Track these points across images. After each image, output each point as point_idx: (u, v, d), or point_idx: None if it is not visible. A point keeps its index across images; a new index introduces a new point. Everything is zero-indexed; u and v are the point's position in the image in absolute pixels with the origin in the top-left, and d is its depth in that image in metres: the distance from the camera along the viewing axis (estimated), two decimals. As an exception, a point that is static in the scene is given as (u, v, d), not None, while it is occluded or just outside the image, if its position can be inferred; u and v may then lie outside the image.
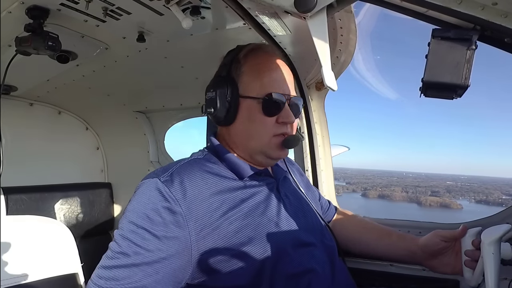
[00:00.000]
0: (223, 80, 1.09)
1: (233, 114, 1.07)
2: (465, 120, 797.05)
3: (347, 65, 1.55)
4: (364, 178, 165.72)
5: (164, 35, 1.40)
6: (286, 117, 1.07)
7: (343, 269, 1.17)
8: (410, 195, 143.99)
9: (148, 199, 0.92)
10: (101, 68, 1.71)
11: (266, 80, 1.07)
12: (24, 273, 1.26)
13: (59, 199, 2.14)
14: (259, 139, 1.07)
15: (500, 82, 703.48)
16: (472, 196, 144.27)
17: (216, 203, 0.97)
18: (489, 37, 0.82)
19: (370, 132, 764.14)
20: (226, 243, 0.94)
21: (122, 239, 0.88)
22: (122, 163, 2.49)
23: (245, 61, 1.10)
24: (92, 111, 2.38)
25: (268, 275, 0.97)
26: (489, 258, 0.87)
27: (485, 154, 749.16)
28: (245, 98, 1.07)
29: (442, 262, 1.16)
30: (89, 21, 1.25)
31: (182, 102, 2.15)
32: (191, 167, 1.02)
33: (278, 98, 1.06)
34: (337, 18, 1.24)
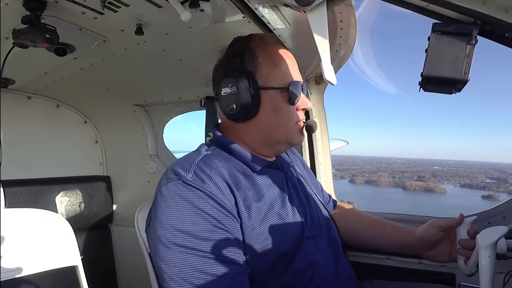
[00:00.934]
0: (241, 73, 1.05)
1: (256, 107, 1.05)
2: (455, 103, 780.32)
3: (347, 59, 1.54)
4: (354, 164, 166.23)
5: (162, 28, 1.39)
6: (305, 103, 1.11)
7: (346, 262, 1.18)
8: (396, 180, 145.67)
9: (185, 202, 0.90)
10: (99, 61, 1.70)
11: (285, 69, 1.09)
12: (23, 266, 1.26)
13: (58, 192, 2.15)
14: (285, 128, 1.09)
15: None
16: (457, 180, 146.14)
17: (241, 196, 0.98)
18: (489, 32, 0.82)
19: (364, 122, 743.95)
20: (251, 234, 0.96)
21: (186, 251, 0.86)
22: (120, 157, 2.48)
23: (260, 51, 1.08)
24: (90, 104, 2.37)
25: (280, 267, 0.98)
26: (485, 261, 0.88)
27: (474, 139, 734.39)
28: (267, 89, 1.05)
29: (438, 251, 1.17)
30: (87, 13, 1.24)
31: (181, 96, 2.15)
32: (209, 162, 1.01)
33: (298, 86, 1.08)
34: (337, 12, 1.23)
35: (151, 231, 0.94)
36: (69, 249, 1.39)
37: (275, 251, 0.97)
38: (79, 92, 2.18)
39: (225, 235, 0.90)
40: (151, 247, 0.94)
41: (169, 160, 2.42)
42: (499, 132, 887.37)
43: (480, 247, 0.89)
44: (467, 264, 1.07)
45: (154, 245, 0.91)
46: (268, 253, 0.96)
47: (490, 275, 0.87)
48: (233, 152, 1.08)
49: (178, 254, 0.86)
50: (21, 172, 2.01)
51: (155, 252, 0.90)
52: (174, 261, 0.86)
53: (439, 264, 1.40)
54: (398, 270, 1.49)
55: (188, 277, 0.84)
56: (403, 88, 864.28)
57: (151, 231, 0.94)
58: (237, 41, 1.13)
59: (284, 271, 0.99)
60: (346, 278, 1.12)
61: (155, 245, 0.90)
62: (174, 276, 0.85)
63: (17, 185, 1.96)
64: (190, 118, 9.15)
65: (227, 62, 1.11)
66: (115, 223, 2.43)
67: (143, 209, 1.26)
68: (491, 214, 1.38)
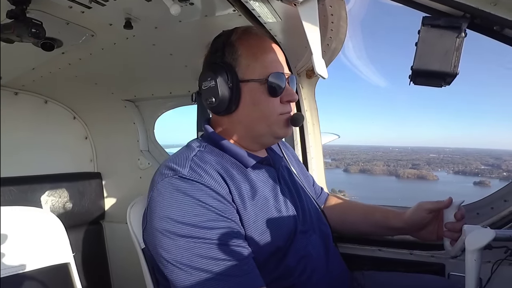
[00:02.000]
0: (220, 67, 1.05)
1: (236, 100, 1.05)
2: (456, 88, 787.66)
3: (338, 53, 1.54)
4: (350, 154, 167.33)
5: (152, 22, 1.37)
6: (290, 95, 1.08)
7: (336, 254, 1.20)
8: (390, 168, 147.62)
9: (184, 196, 0.90)
10: (87, 56, 1.67)
11: (266, 60, 1.07)
12: (15, 264, 1.25)
13: (49, 189, 2.12)
14: (267, 120, 1.07)
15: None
16: (451, 167, 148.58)
17: (236, 189, 0.99)
18: (478, 25, 0.83)
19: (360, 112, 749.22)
20: (246, 228, 0.97)
21: (193, 241, 0.86)
22: (111, 153, 2.46)
23: (240, 44, 1.08)
24: (79, 100, 2.33)
25: (273, 262, 1.00)
26: (471, 264, 0.92)
27: (474, 125, 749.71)
28: (247, 82, 1.05)
29: (427, 231, 1.22)
30: (74, 7, 1.21)
31: (172, 91, 2.13)
32: (204, 157, 1.02)
33: (280, 77, 1.06)
34: (328, 5, 1.23)
35: (152, 229, 0.93)
36: (61, 246, 1.38)
37: (269, 246, 0.98)
38: (67, 88, 2.15)
39: (228, 223, 0.91)
40: (154, 245, 0.92)
41: (160, 155, 2.41)
42: (497, 117, 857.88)
43: (467, 250, 0.93)
44: (453, 247, 1.12)
45: (157, 241, 0.90)
46: (262, 248, 0.97)
47: (475, 276, 0.91)
48: (224, 148, 1.08)
49: (184, 244, 0.86)
50: (10, 169, 1.98)
51: (159, 247, 0.89)
52: (182, 253, 0.86)
53: (429, 255, 1.43)
54: (389, 261, 1.52)
55: (199, 265, 0.84)
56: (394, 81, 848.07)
57: (152, 229, 0.93)
58: (220, 35, 1.13)
59: (276, 266, 1.00)
60: (337, 270, 1.14)
61: (159, 241, 0.90)
62: (184, 267, 0.85)
63: (6, 183, 1.92)
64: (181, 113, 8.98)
65: (209, 57, 1.13)
66: (107, 219, 2.41)
67: (135, 205, 1.26)
68: (479, 205, 1.41)
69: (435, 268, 1.42)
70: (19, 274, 1.25)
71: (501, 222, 1.30)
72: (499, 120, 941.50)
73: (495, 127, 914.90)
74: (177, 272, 0.85)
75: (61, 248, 1.38)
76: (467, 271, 0.92)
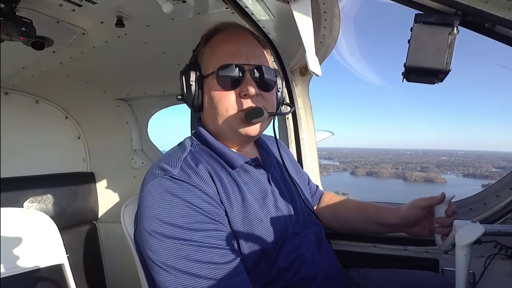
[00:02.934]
0: (189, 64, 1.09)
1: (200, 96, 1.07)
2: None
3: (331, 50, 1.54)
4: (359, 156, 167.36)
5: (144, 20, 1.36)
6: (246, 89, 1.02)
7: (330, 251, 1.20)
8: (397, 171, 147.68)
9: (173, 197, 0.90)
10: (79, 54, 1.65)
11: (220, 54, 1.05)
12: (8, 265, 1.24)
13: (42, 190, 2.09)
14: (223, 116, 1.04)
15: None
16: (461, 170, 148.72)
17: (224, 191, 0.99)
18: (470, 22, 0.83)
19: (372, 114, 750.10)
20: (235, 228, 0.97)
21: (179, 243, 0.85)
22: (104, 152, 2.44)
23: (206, 42, 1.10)
24: (71, 99, 2.31)
25: (263, 266, 0.99)
26: (461, 259, 0.93)
27: (491, 127, 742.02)
28: (206, 77, 1.06)
29: (421, 227, 1.22)
30: (64, 5, 1.20)
31: (165, 89, 2.12)
32: (195, 158, 1.02)
33: (231, 69, 1.02)
34: (321, 3, 1.23)
35: (141, 229, 0.92)
36: (55, 247, 1.37)
37: (258, 249, 0.98)
38: (59, 87, 2.12)
39: (216, 225, 0.91)
40: (142, 245, 0.92)
41: (154, 154, 2.39)
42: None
43: (458, 246, 0.94)
44: (444, 241, 1.13)
45: (145, 241, 0.90)
46: (251, 250, 0.96)
47: (465, 271, 0.93)
48: (213, 148, 1.08)
49: (171, 246, 0.85)
50: (2, 171, 1.95)
51: (147, 248, 0.89)
52: (167, 254, 0.85)
53: (423, 250, 1.44)
54: (384, 257, 1.53)
55: (184, 267, 0.84)
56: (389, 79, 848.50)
57: (141, 229, 0.92)
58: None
59: (268, 268, 0.99)
60: (331, 268, 1.14)
61: (146, 242, 0.89)
62: (169, 269, 0.84)
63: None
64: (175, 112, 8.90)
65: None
66: (101, 219, 2.39)
67: (129, 204, 1.25)
68: (472, 201, 1.42)
69: (429, 263, 1.44)
70: (13, 275, 1.24)
71: (493, 217, 1.32)
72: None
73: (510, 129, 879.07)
74: (162, 273, 0.85)
75: (55, 249, 1.37)
76: (458, 266, 0.94)
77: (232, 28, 1.12)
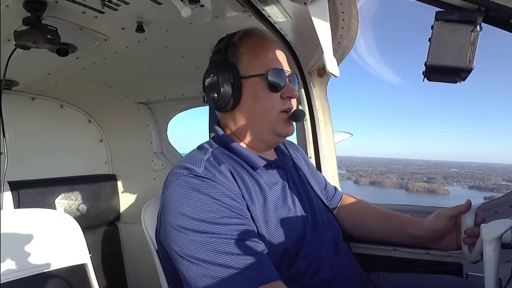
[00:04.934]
0: (222, 64, 1.09)
1: (237, 96, 1.08)
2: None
3: (349, 51, 1.53)
4: (367, 166, 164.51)
5: (163, 25, 1.39)
6: (290, 91, 1.09)
7: (348, 255, 1.18)
8: (401, 181, 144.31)
9: (198, 193, 0.91)
10: (101, 60, 1.70)
11: (266, 58, 1.09)
12: (34, 265, 1.28)
13: (65, 192, 2.16)
14: (267, 117, 1.08)
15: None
16: (468, 182, 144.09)
17: (247, 191, 1.00)
18: (494, 19, 0.80)
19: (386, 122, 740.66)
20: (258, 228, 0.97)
21: (207, 236, 0.86)
22: (126, 155, 2.50)
23: (241, 44, 1.11)
24: (94, 103, 2.38)
25: (282, 267, 0.98)
26: (489, 255, 0.87)
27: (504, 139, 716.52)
28: (248, 78, 1.08)
29: (447, 241, 1.17)
30: (87, 12, 1.24)
31: (184, 93, 2.15)
32: (218, 159, 1.04)
33: (280, 74, 1.08)
34: (338, 3, 1.22)
35: (166, 226, 0.93)
36: (78, 247, 1.40)
37: (279, 248, 0.98)
38: (82, 92, 2.19)
39: (242, 220, 0.92)
40: (168, 242, 0.92)
41: (174, 157, 2.43)
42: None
43: (485, 240, 0.88)
44: (471, 252, 1.07)
45: (171, 237, 0.90)
46: (272, 249, 0.96)
47: (494, 268, 0.87)
48: (234, 150, 1.10)
49: (199, 239, 0.86)
50: (28, 173, 2.03)
51: (173, 243, 0.89)
52: (196, 248, 0.85)
53: (446, 254, 1.40)
54: (405, 261, 1.49)
55: (213, 259, 0.84)
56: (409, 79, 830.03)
57: (166, 226, 0.93)
58: (223, 38, 1.16)
59: (287, 269, 0.99)
60: (350, 272, 1.12)
61: (173, 237, 0.90)
62: (199, 262, 0.84)
63: (24, 186, 1.97)
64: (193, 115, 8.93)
65: (212, 57, 1.17)
66: (122, 220, 2.45)
67: (149, 206, 1.27)
68: (498, 203, 1.37)
69: (453, 268, 1.39)
70: (37, 274, 1.28)
71: (521, 221, 1.27)
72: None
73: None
74: (192, 267, 0.85)
75: (78, 249, 1.40)
76: (486, 262, 0.88)
77: (262, 34, 1.17)
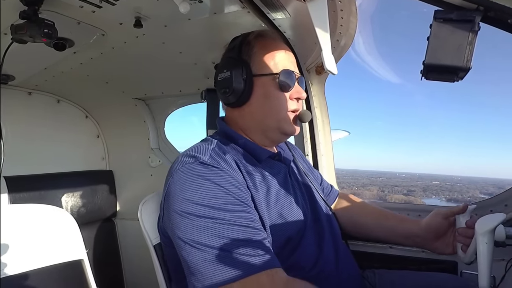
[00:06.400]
0: (236, 61, 1.11)
1: (249, 93, 1.10)
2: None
3: (348, 49, 1.53)
4: (352, 178, 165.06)
5: (161, 20, 1.38)
6: (298, 93, 1.13)
7: (346, 252, 1.19)
8: (380, 193, 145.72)
9: (203, 180, 0.93)
10: (98, 55, 1.69)
11: (279, 58, 1.12)
12: (30, 261, 1.28)
13: (62, 187, 2.15)
14: (276, 115, 1.11)
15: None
16: (447, 194, 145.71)
17: (251, 180, 1.03)
18: (492, 18, 0.81)
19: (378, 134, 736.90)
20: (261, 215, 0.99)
21: (211, 221, 0.87)
22: (123, 151, 2.49)
23: (256, 43, 1.13)
24: (91, 99, 2.37)
25: (284, 255, 1.00)
26: (483, 247, 0.88)
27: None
28: (260, 76, 1.10)
29: (444, 243, 1.19)
30: (85, 7, 1.23)
31: (181, 89, 2.14)
32: (223, 149, 1.07)
33: (291, 75, 1.11)
34: (338, 1, 1.22)
35: (170, 212, 0.94)
36: (75, 243, 1.40)
37: (280, 236, 1.00)
38: (79, 87, 2.18)
39: (245, 207, 0.93)
40: (171, 228, 0.93)
41: (171, 153, 2.43)
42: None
43: (478, 233, 0.89)
44: (466, 252, 1.08)
45: (175, 223, 0.91)
46: (274, 237, 0.98)
47: (488, 261, 0.88)
48: (238, 142, 1.12)
49: (203, 224, 0.87)
50: (24, 168, 2.02)
51: (177, 229, 0.90)
52: (199, 233, 0.86)
53: (441, 252, 1.41)
54: (401, 258, 1.50)
55: (217, 244, 0.85)
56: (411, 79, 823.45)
57: (170, 212, 0.94)
58: (238, 37, 1.18)
59: (287, 258, 1.00)
60: (347, 268, 1.14)
61: (177, 223, 0.90)
62: (202, 247, 0.85)
63: (20, 181, 1.96)
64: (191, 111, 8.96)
65: (226, 54, 1.18)
66: (119, 216, 2.44)
67: (146, 202, 1.27)
68: (492, 202, 1.38)
69: (448, 265, 1.40)
70: (34, 270, 1.27)
71: (516, 220, 1.28)
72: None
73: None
74: (194, 252, 0.86)
75: (75, 245, 1.40)
76: (479, 257, 0.89)
77: (274, 35, 1.21)
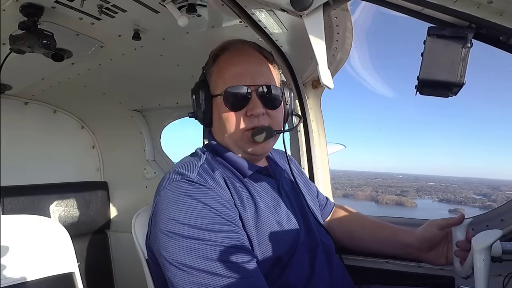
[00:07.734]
0: (199, 83, 1.12)
1: (208, 115, 1.10)
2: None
3: (343, 63, 1.55)
4: (347, 179, 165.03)
5: (159, 33, 1.39)
6: (252, 109, 1.05)
7: (340, 267, 1.18)
8: (374, 194, 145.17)
9: (190, 199, 0.91)
10: (96, 66, 1.70)
11: (227, 75, 1.07)
12: (20, 273, 1.25)
13: (55, 198, 2.13)
14: (231, 135, 1.07)
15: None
16: (439, 195, 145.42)
17: (238, 199, 1.01)
18: (484, 35, 0.82)
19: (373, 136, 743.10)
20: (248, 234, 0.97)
21: (197, 242, 0.86)
22: (118, 162, 2.47)
23: (214, 61, 1.12)
24: (87, 109, 2.36)
25: (272, 275, 0.98)
26: (480, 264, 0.88)
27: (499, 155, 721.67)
28: (215, 97, 1.09)
29: (437, 253, 1.17)
30: (84, 18, 1.24)
31: (178, 101, 2.15)
32: (211, 165, 1.05)
33: (237, 91, 1.04)
34: (333, 16, 1.24)
35: (156, 232, 0.92)
36: (66, 255, 1.37)
37: (270, 256, 0.97)
38: (76, 97, 2.18)
39: (233, 227, 0.91)
40: (157, 247, 0.92)
41: (166, 165, 2.41)
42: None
43: (475, 250, 0.89)
44: (463, 266, 1.07)
45: (161, 243, 0.90)
46: (263, 256, 0.96)
47: (485, 278, 0.87)
48: (225, 158, 1.10)
49: (189, 246, 0.85)
50: (18, 178, 2.00)
51: (163, 249, 0.89)
52: (185, 254, 0.85)
53: (438, 268, 1.40)
54: (397, 273, 1.49)
55: (202, 266, 0.83)
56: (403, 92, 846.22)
57: (156, 231, 0.92)
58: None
59: (278, 278, 0.98)
60: (341, 284, 1.11)
61: (163, 243, 0.89)
62: (187, 269, 0.84)
63: (14, 191, 1.94)
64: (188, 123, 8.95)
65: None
66: (112, 229, 2.41)
67: (140, 214, 1.26)
68: (489, 217, 1.38)
69: (444, 281, 1.39)
70: (23, 283, 1.25)
71: (511, 235, 1.28)
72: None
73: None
74: (180, 274, 0.84)
75: (66, 257, 1.37)
76: (476, 273, 0.88)
77: (238, 45, 1.14)
